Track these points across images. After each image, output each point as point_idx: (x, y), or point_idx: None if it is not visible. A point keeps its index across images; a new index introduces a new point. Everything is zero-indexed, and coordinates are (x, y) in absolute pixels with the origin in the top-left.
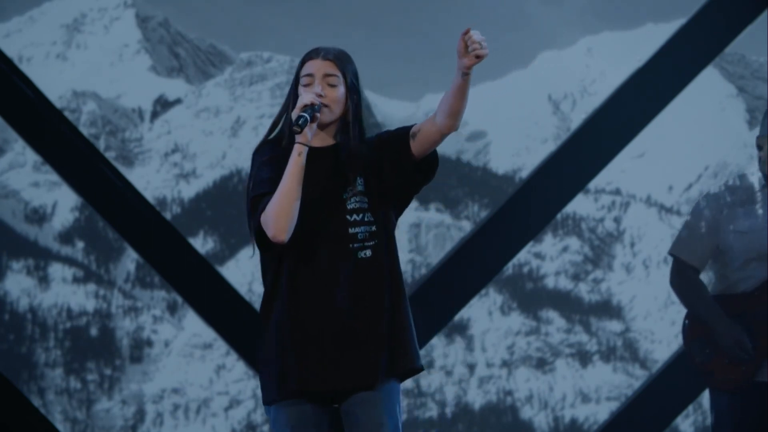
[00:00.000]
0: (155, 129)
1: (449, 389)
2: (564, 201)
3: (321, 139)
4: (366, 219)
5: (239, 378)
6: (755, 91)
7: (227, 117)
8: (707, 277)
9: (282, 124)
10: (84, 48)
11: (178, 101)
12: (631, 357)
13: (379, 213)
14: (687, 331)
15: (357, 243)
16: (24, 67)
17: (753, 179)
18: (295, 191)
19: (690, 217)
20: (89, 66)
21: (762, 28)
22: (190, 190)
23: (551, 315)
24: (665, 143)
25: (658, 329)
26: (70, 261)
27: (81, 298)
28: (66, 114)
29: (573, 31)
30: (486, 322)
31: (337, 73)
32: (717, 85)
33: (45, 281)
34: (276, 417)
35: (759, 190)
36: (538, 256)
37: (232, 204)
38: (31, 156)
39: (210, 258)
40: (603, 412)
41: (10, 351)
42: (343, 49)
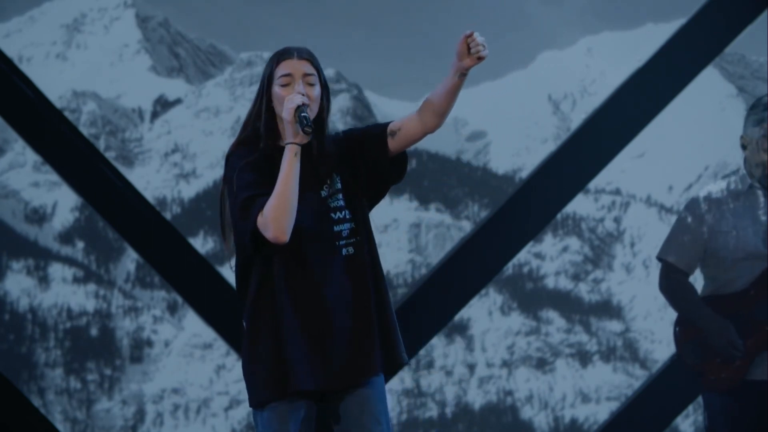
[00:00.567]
0: (155, 129)
1: (449, 389)
2: (564, 201)
3: (297, 138)
4: (347, 216)
5: (239, 378)
6: (755, 91)
7: (227, 117)
8: (694, 279)
9: (254, 124)
10: (84, 48)
11: (178, 101)
12: (631, 357)
13: (357, 210)
14: (678, 337)
15: (342, 240)
16: (24, 67)
17: (737, 179)
18: (295, 191)
19: (677, 220)
20: (89, 66)
21: (762, 28)
22: (190, 190)
23: (551, 315)
24: (665, 143)
25: (658, 329)
26: (70, 261)
27: (81, 298)
28: (66, 114)
29: (573, 31)
30: (486, 322)
31: (314, 72)
32: (717, 85)
33: (45, 281)
34: (270, 417)
35: (744, 190)
36: (538, 256)
37: None
38: (31, 156)
39: (210, 258)
40: (603, 412)
41: (10, 351)
42: None
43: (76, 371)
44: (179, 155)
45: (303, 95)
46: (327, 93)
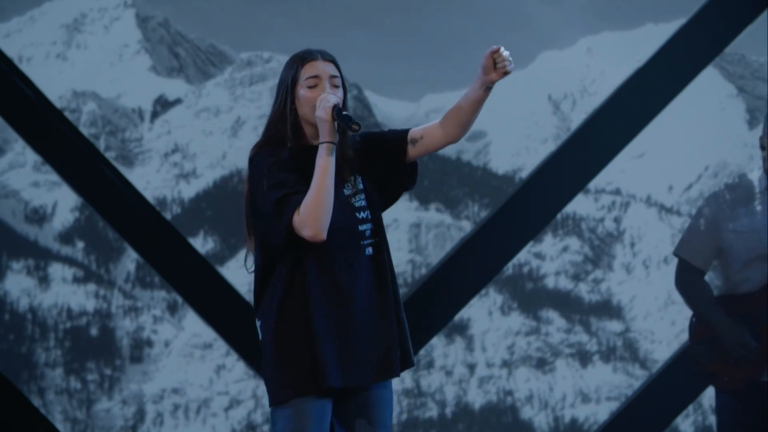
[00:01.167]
0: (155, 129)
1: (449, 389)
2: (564, 201)
3: (318, 138)
4: (368, 216)
5: (239, 378)
6: (755, 91)
7: (227, 117)
8: (709, 278)
9: (277, 125)
10: (84, 48)
11: (178, 101)
12: (631, 357)
13: (376, 211)
14: (693, 331)
15: (365, 239)
16: (24, 67)
17: (754, 179)
18: (331, 190)
19: (693, 218)
20: (89, 66)
21: (762, 28)
22: (190, 190)
23: (551, 315)
24: (665, 143)
25: (658, 329)
26: (70, 261)
27: (81, 298)
28: (66, 114)
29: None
30: (486, 322)
31: (338, 74)
32: (717, 85)
33: (45, 281)
34: (292, 414)
35: (761, 190)
36: (538, 256)
37: (232, 204)
38: (31, 156)
39: (210, 258)
40: (603, 412)
41: (10, 351)
42: None
43: (76, 371)
44: (179, 155)
45: (334, 96)
46: (346, 94)
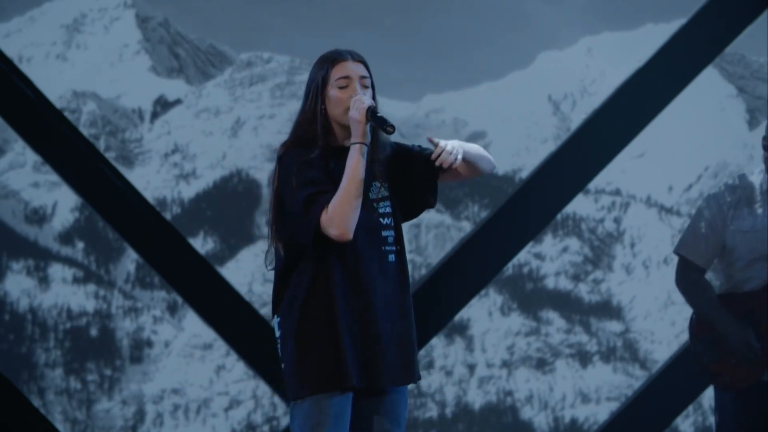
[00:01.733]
0: (155, 129)
1: (449, 389)
2: (564, 201)
3: (348, 139)
4: (391, 224)
5: (239, 378)
6: (755, 91)
7: (227, 117)
8: (711, 277)
9: (308, 124)
10: (84, 48)
11: (178, 101)
12: (631, 357)
13: (398, 219)
14: (694, 329)
15: (387, 246)
16: (24, 67)
17: (756, 179)
18: (360, 190)
19: (694, 217)
20: (89, 66)
21: (762, 28)
22: (190, 190)
23: (551, 315)
24: (665, 143)
25: (658, 329)
26: (70, 261)
27: (81, 298)
28: (66, 114)
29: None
30: (486, 322)
31: (368, 75)
32: (717, 85)
33: (45, 282)
34: (312, 409)
35: (763, 191)
36: (538, 256)
37: (232, 204)
38: (31, 156)
39: (210, 258)
40: (603, 412)
41: (10, 351)
42: None
43: (76, 371)
44: (179, 155)
45: (368, 97)
46: (375, 95)
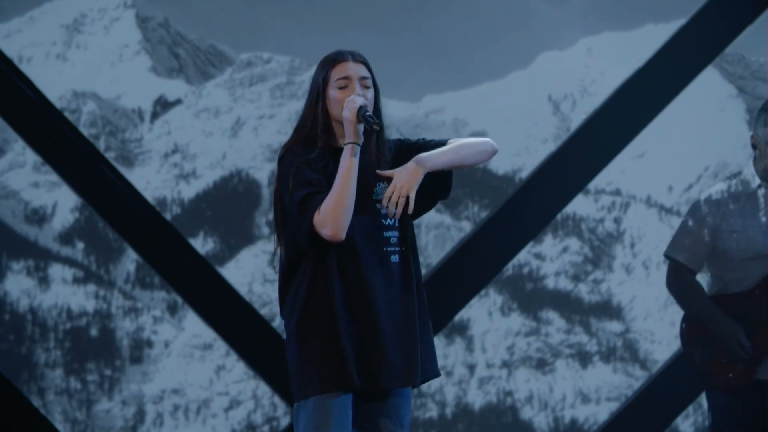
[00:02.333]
0: (155, 129)
1: (449, 390)
2: (564, 201)
3: (357, 138)
4: (396, 224)
5: (239, 378)
6: (755, 92)
7: (227, 117)
8: (702, 278)
9: (309, 125)
10: (84, 48)
11: (178, 102)
12: (631, 357)
13: (405, 219)
14: (685, 334)
15: (390, 247)
16: (24, 67)
17: (746, 178)
18: (353, 190)
19: (685, 219)
20: (89, 66)
21: (762, 28)
22: (190, 190)
23: (551, 315)
24: (665, 143)
25: (658, 330)
26: (70, 261)
27: (81, 298)
28: (66, 114)
29: (573, 32)
30: (486, 322)
31: (369, 75)
32: (717, 85)
33: (45, 282)
34: (315, 409)
35: (752, 189)
36: (538, 256)
37: (232, 204)
38: (31, 156)
39: (210, 258)
40: (603, 412)
41: (10, 351)
42: None
43: (76, 372)
44: (179, 155)
45: (362, 97)
46: (378, 95)
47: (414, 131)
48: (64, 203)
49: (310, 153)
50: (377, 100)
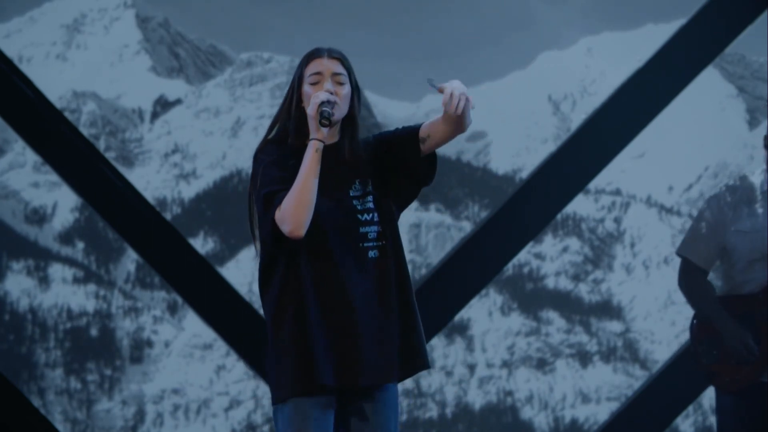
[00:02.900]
0: (155, 129)
1: (449, 389)
2: (564, 201)
3: (319, 134)
4: (374, 219)
5: (239, 378)
6: (755, 91)
7: (227, 117)
8: (712, 278)
9: (283, 123)
10: (84, 48)
11: (178, 101)
12: (632, 357)
13: (385, 214)
14: (694, 331)
15: (367, 242)
16: (24, 67)
17: (756, 179)
18: (313, 186)
19: (696, 218)
20: (89, 66)
21: (762, 28)
22: (190, 190)
23: (551, 315)
24: (665, 143)
25: (658, 330)
26: (70, 261)
27: (81, 298)
28: (66, 114)
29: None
30: (486, 322)
31: (344, 72)
32: (717, 85)
33: (45, 282)
34: (292, 413)
35: (763, 191)
36: (538, 256)
37: (232, 204)
38: (31, 156)
39: (210, 258)
40: (603, 412)
41: (10, 351)
42: None
43: (76, 371)
44: (179, 155)
45: (331, 93)
46: (358, 94)
47: None
48: (64, 203)
49: (282, 151)
50: (355, 97)
